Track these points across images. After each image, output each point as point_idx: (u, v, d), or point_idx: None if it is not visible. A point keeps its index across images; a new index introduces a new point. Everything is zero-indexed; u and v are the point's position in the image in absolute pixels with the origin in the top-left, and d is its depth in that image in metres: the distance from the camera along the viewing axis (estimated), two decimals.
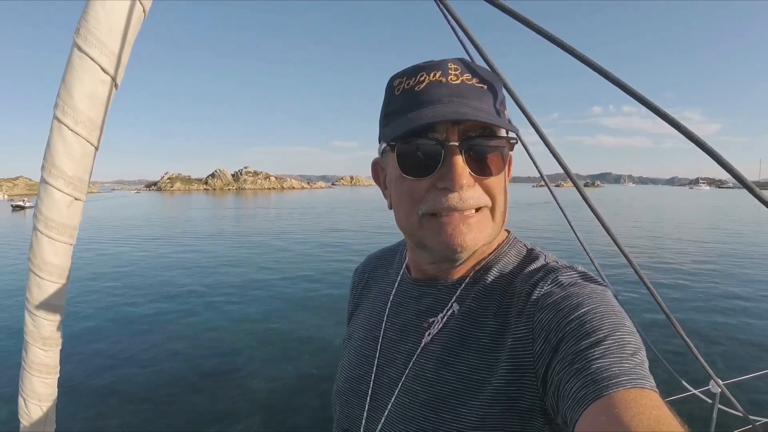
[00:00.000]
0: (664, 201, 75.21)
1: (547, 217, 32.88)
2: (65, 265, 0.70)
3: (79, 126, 0.63)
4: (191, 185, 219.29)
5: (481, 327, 0.72)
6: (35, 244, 0.66)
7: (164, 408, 6.15)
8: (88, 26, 0.60)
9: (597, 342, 0.57)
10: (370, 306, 0.92)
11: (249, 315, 10.17)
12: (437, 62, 0.71)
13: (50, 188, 0.64)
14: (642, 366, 0.55)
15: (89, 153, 0.67)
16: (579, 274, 0.71)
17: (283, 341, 8.49)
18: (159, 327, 9.42)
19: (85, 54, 0.60)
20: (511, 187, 0.77)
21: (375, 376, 0.81)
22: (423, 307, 0.80)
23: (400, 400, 0.74)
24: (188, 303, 11.20)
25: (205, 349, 8.14)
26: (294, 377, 6.95)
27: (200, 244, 22.14)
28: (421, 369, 0.74)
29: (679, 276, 13.77)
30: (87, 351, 8.08)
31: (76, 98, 0.62)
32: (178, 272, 15.04)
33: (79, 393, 6.45)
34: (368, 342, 0.86)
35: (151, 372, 7.25)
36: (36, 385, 0.72)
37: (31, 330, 0.70)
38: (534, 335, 0.65)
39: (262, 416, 5.94)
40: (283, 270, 15.05)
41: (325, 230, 27.38)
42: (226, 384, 6.79)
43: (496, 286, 0.75)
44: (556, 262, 0.75)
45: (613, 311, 0.62)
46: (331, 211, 47.73)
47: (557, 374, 0.59)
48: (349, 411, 0.83)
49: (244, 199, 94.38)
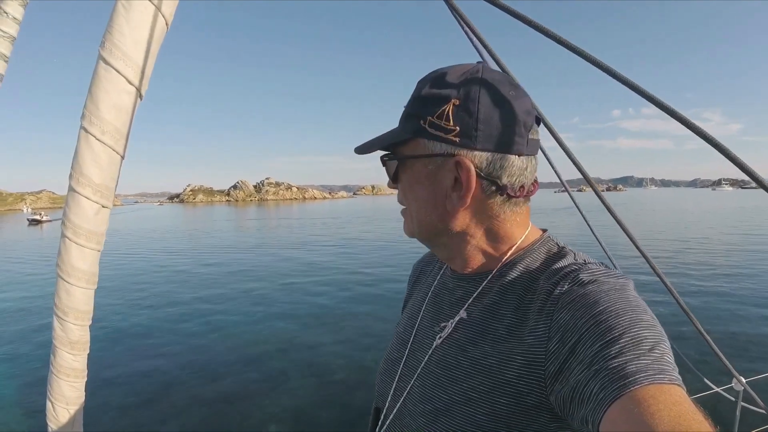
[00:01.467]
0: (687, 204, 73.58)
1: (571, 223, 32.41)
2: (93, 271, 0.72)
3: (105, 135, 0.65)
4: (213, 197, 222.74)
5: (501, 319, 0.75)
6: (63, 251, 0.69)
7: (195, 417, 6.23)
8: (112, 39, 0.62)
9: (613, 341, 0.57)
10: (417, 296, 1.00)
11: (277, 327, 10.26)
12: None
13: (78, 196, 0.67)
14: (661, 360, 0.55)
15: (116, 162, 0.69)
16: (601, 271, 0.71)
17: (310, 353, 8.53)
18: (180, 337, 9.57)
19: (110, 66, 0.63)
20: (536, 193, 0.80)
21: (406, 359, 0.87)
22: (455, 298, 0.85)
23: (421, 381, 0.80)
24: (217, 314, 11.37)
25: (230, 362, 8.23)
26: (318, 389, 6.97)
27: (230, 255, 22.47)
28: (443, 354, 0.80)
29: (704, 275, 13.50)
30: (114, 357, 8.26)
31: (102, 109, 0.64)
32: (199, 283, 15.29)
33: (107, 397, 6.59)
34: (408, 328, 0.94)
35: (177, 381, 7.37)
36: (64, 388, 0.74)
37: (60, 334, 0.72)
38: (550, 333, 0.66)
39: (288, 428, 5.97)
40: (309, 281, 15.17)
41: (350, 239, 27.54)
42: (250, 398, 6.83)
43: (520, 281, 0.77)
44: (584, 260, 0.76)
45: (630, 307, 0.62)
46: (352, 221, 47.85)
47: (574, 376, 0.59)
48: (382, 390, 0.90)
49: (267, 210, 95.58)
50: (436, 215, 0.79)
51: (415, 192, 0.80)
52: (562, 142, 0.99)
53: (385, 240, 27.17)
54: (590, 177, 0.99)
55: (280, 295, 13.17)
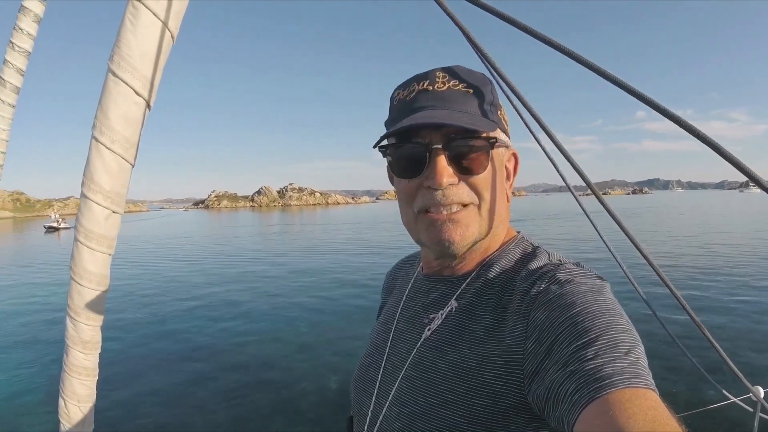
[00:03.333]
0: (715, 207, 71.80)
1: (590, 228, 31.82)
2: (104, 274, 0.75)
3: (115, 145, 0.68)
4: (238, 202, 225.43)
5: (478, 320, 0.75)
6: (76, 254, 0.72)
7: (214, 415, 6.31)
8: (120, 53, 0.65)
9: (589, 342, 0.57)
10: (391, 302, 0.99)
11: (299, 328, 10.37)
12: (427, 72, 0.77)
13: (89, 202, 0.70)
14: (636, 364, 0.55)
15: (125, 169, 0.72)
16: (578, 271, 0.71)
17: (329, 353, 8.60)
18: (206, 339, 9.70)
19: (118, 78, 0.66)
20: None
21: (384, 364, 0.86)
22: (429, 301, 0.84)
23: (400, 386, 0.79)
24: (244, 316, 11.52)
25: (250, 363, 8.32)
26: (338, 388, 7.00)
27: (255, 259, 22.72)
28: (420, 357, 0.79)
29: (724, 282, 13.18)
30: (132, 358, 8.42)
31: (111, 119, 0.67)
32: (230, 286, 15.51)
33: (122, 394, 6.72)
34: (382, 333, 0.92)
35: (197, 380, 7.47)
36: (76, 386, 0.77)
37: (72, 334, 0.75)
38: (527, 333, 0.66)
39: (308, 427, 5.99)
40: (331, 282, 15.27)
41: (373, 244, 27.62)
42: (271, 397, 6.90)
43: (497, 282, 0.77)
44: (559, 260, 0.77)
45: (607, 309, 0.62)
46: (376, 226, 47.86)
47: (550, 375, 0.59)
48: (358, 397, 0.89)
49: (290, 215, 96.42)
50: (505, 208, 0.81)
51: (494, 181, 0.77)
52: (559, 143, 0.99)
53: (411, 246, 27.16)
54: (589, 178, 0.98)
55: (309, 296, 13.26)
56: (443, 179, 0.72)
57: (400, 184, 0.80)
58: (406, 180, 0.78)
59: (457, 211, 0.74)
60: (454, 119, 0.71)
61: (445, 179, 0.72)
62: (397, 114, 0.79)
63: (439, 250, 0.79)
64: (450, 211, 0.74)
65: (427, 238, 0.77)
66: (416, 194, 0.77)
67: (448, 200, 0.73)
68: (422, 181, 0.75)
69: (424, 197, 0.75)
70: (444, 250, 0.77)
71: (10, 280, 18.71)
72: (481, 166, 0.74)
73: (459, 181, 0.74)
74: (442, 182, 0.72)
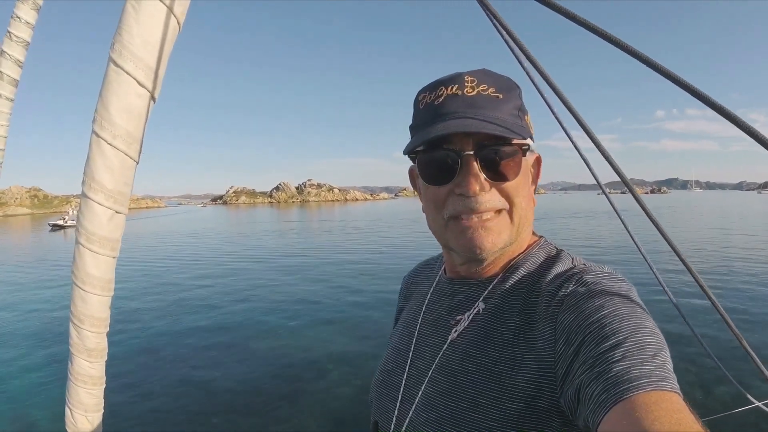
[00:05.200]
0: (735, 207, 70.28)
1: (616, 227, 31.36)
2: (108, 278, 0.71)
3: (117, 140, 0.64)
4: (256, 198, 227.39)
5: (505, 323, 0.74)
6: (78, 258, 0.68)
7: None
8: (122, 41, 0.61)
9: (617, 344, 0.57)
10: (411, 306, 0.98)
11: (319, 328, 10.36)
12: (455, 75, 0.76)
13: (91, 202, 0.65)
14: (663, 367, 0.55)
15: (129, 166, 0.67)
16: (605, 275, 0.71)
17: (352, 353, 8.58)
18: (219, 339, 9.79)
19: (120, 68, 0.61)
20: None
21: (408, 369, 0.85)
22: (454, 303, 0.84)
23: (426, 390, 0.78)
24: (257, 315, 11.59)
25: (267, 362, 8.37)
26: (358, 389, 7.01)
27: (273, 256, 22.89)
28: (447, 361, 0.78)
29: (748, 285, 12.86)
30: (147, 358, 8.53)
31: (113, 113, 0.62)
32: (245, 285, 15.64)
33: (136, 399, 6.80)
34: (404, 338, 0.91)
35: (211, 383, 7.54)
36: (82, 395, 0.74)
37: (76, 342, 0.71)
38: (556, 335, 0.66)
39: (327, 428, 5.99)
40: (351, 282, 15.29)
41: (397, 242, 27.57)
42: (289, 399, 6.92)
43: (523, 285, 0.77)
44: (584, 264, 0.77)
45: (635, 312, 0.62)
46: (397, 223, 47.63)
47: (578, 377, 0.59)
48: (380, 402, 0.88)
49: (309, 211, 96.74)
50: (531, 211, 0.80)
51: (524, 187, 0.78)
52: (598, 141, 0.93)
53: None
54: (627, 178, 0.93)
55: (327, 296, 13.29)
56: (476, 187, 0.73)
57: (428, 190, 0.79)
58: (435, 186, 0.77)
59: (488, 218, 0.75)
60: (488, 127, 0.71)
61: (477, 186, 0.73)
62: (425, 118, 0.78)
63: (468, 256, 0.79)
64: (481, 218, 0.75)
65: (457, 245, 0.77)
66: (446, 201, 0.77)
67: (482, 207, 0.74)
68: (453, 188, 0.75)
69: (455, 204, 0.75)
70: (474, 256, 0.77)
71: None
72: (513, 173, 0.75)
73: (490, 188, 0.75)
74: (475, 189, 0.72)
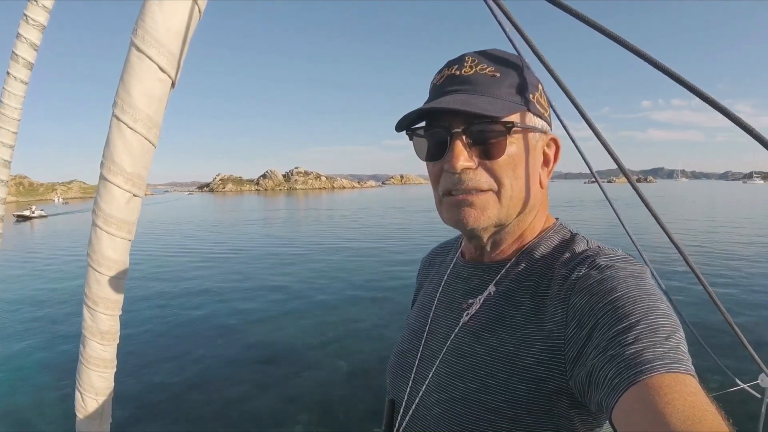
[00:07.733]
0: (720, 196, 71.70)
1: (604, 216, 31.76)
2: (123, 260, 0.71)
3: (137, 124, 0.64)
4: (243, 186, 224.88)
5: (517, 306, 0.75)
6: (94, 240, 0.68)
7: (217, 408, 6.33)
8: (145, 26, 0.61)
9: (630, 327, 0.57)
10: (428, 288, 0.99)
11: (304, 312, 10.45)
12: (460, 56, 0.77)
13: (109, 185, 0.66)
14: (677, 349, 0.55)
15: (148, 150, 0.68)
16: (618, 257, 0.71)
17: (337, 338, 8.63)
18: (210, 327, 9.73)
19: (142, 53, 0.62)
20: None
21: (422, 350, 0.86)
22: (469, 287, 0.85)
23: (438, 371, 0.80)
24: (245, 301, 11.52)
25: (255, 347, 8.35)
26: (347, 373, 7.05)
27: (258, 244, 22.74)
28: (458, 343, 0.79)
29: (735, 270, 13.15)
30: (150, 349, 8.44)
31: (134, 97, 0.63)
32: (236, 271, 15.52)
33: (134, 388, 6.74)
34: (420, 319, 0.92)
35: (200, 371, 7.49)
36: (93, 378, 0.74)
37: (89, 324, 0.71)
38: (568, 318, 0.66)
39: (315, 414, 6.02)
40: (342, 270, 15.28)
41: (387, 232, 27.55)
42: (279, 383, 6.92)
43: (536, 268, 0.78)
44: (599, 246, 0.76)
45: (647, 295, 0.62)
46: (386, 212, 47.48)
47: (591, 360, 0.59)
48: (395, 382, 0.90)
49: (296, 199, 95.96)
50: (530, 193, 0.79)
51: (519, 167, 0.76)
52: (597, 131, 0.95)
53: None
54: (626, 168, 0.96)
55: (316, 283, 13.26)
56: (458, 163, 0.72)
57: (428, 166, 0.81)
58: (431, 163, 0.79)
59: (474, 195, 0.75)
60: (469, 104, 0.71)
61: (459, 163, 0.72)
62: (429, 98, 0.79)
63: (459, 231, 0.82)
64: (469, 195, 0.75)
65: (446, 219, 0.79)
66: (440, 177, 0.78)
67: (465, 185, 0.74)
68: (443, 164, 0.76)
69: (445, 180, 0.76)
70: (463, 231, 0.80)
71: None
72: (499, 151, 0.74)
73: (477, 166, 0.74)
74: (456, 166, 0.72)
